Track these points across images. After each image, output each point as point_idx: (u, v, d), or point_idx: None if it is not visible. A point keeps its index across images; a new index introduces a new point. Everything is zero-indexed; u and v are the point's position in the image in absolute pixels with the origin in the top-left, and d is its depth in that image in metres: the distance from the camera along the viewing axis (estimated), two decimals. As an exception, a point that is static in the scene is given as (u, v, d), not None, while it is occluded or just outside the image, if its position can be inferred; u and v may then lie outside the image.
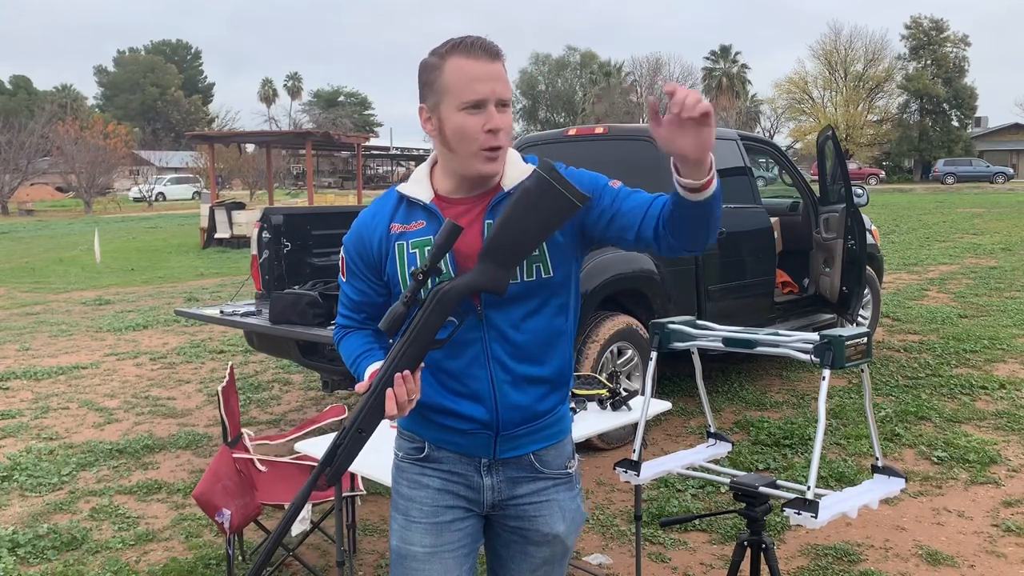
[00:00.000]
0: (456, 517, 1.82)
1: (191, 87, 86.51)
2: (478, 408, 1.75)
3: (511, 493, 1.83)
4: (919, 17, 57.36)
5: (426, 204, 1.75)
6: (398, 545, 1.83)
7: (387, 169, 61.97)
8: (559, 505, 1.85)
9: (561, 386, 1.84)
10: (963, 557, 3.56)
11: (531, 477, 1.83)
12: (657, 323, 2.40)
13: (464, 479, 1.81)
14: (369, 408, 1.64)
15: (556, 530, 1.85)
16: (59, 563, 3.67)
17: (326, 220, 6.02)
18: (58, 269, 15.88)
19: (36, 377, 7.13)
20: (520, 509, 1.84)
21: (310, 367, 5.29)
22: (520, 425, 1.78)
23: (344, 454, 1.64)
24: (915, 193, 37.36)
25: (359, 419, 1.64)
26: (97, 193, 39.73)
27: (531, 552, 1.87)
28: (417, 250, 1.74)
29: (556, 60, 76.72)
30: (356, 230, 1.83)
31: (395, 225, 1.77)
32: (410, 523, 1.81)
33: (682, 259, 5.43)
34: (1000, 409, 5.57)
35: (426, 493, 1.81)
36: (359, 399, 1.66)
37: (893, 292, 10.26)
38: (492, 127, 1.66)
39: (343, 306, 1.89)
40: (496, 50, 1.68)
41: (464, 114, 1.66)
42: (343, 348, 1.89)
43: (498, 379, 1.74)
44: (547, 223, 1.66)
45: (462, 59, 1.65)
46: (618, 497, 4.30)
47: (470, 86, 1.65)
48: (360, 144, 24.32)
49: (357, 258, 1.82)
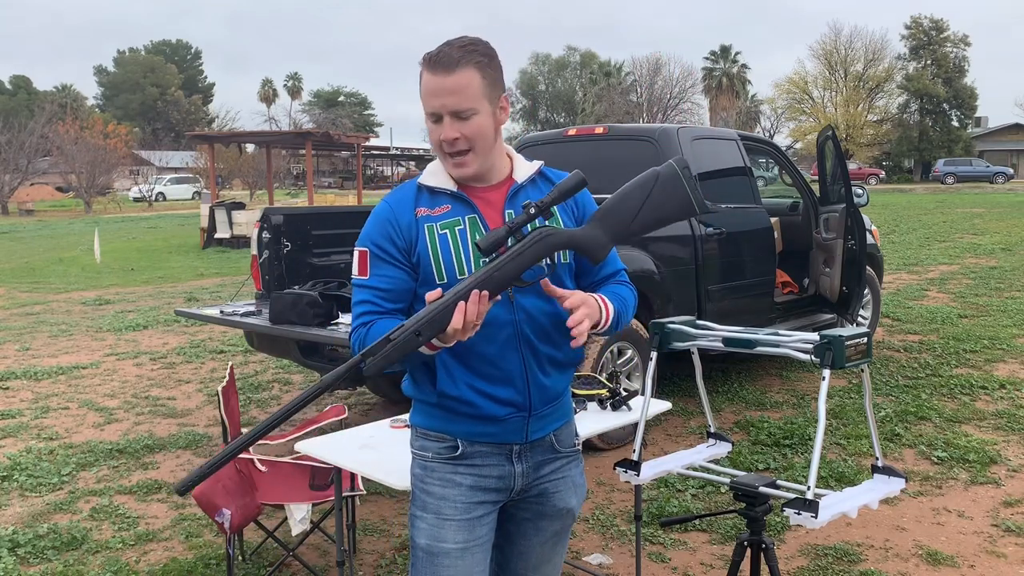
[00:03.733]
0: (486, 512, 1.89)
1: (191, 87, 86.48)
2: (511, 391, 1.82)
3: (537, 475, 1.92)
4: (919, 17, 57.41)
5: (453, 191, 1.84)
6: (428, 543, 1.85)
7: (387, 171, 61.94)
8: (572, 481, 1.98)
9: (571, 368, 1.95)
10: (963, 557, 3.56)
11: (551, 458, 1.94)
12: (657, 323, 2.40)
13: (496, 470, 1.88)
14: (434, 314, 1.60)
15: (570, 504, 1.97)
16: (59, 563, 3.67)
17: (326, 220, 6.02)
18: (58, 269, 15.88)
19: (36, 377, 7.13)
20: (541, 487, 1.93)
21: (310, 367, 5.30)
22: (547, 404, 1.88)
23: (393, 348, 1.60)
24: (915, 193, 37.36)
25: (421, 322, 1.61)
26: (97, 193, 39.74)
27: (543, 526, 1.97)
28: (447, 230, 1.81)
29: (556, 60, 76.71)
30: (379, 220, 1.85)
31: (421, 209, 1.83)
32: (443, 521, 1.85)
33: (682, 259, 5.44)
34: (1000, 409, 5.57)
35: (459, 491, 1.86)
36: (422, 308, 1.63)
37: (893, 292, 10.26)
38: (443, 138, 1.77)
39: (364, 305, 1.82)
40: (454, 60, 1.73)
41: (430, 123, 1.80)
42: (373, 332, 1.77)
43: (528, 361, 1.83)
44: (661, 213, 1.76)
45: (425, 72, 1.76)
46: (618, 497, 4.30)
47: (427, 100, 1.77)
48: (360, 144, 24.35)
49: (386, 243, 1.82)
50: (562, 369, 1.91)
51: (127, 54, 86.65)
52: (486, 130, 1.78)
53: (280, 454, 3.75)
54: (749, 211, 6.02)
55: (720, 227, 5.66)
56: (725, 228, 5.70)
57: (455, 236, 1.80)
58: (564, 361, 1.90)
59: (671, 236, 5.39)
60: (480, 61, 1.75)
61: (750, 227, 5.96)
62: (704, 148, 5.92)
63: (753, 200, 6.12)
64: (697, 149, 5.81)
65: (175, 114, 78.76)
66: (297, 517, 3.28)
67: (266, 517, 3.83)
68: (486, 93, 1.77)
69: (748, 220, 5.96)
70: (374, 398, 6.15)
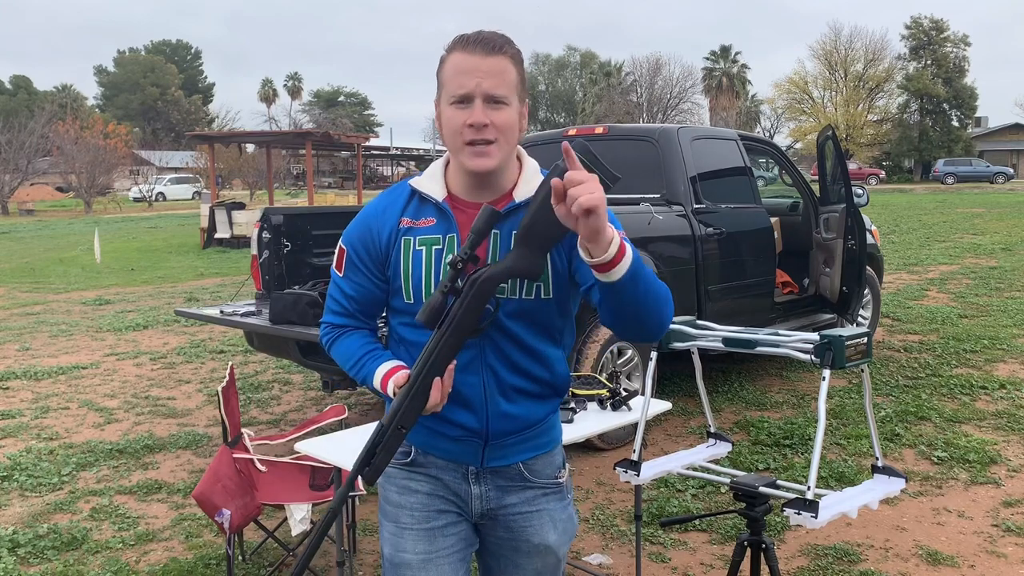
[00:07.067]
0: (449, 522, 1.78)
1: (191, 87, 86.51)
2: (468, 415, 1.72)
3: (500, 502, 1.79)
4: (919, 17, 57.37)
5: (438, 202, 1.72)
6: (391, 553, 1.78)
7: (387, 171, 61.95)
8: (550, 515, 1.82)
9: (553, 397, 1.81)
10: (963, 557, 3.56)
11: (520, 486, 1.80)
12: (657, 323, 2.39)
13: (452, 486, 1.78)
14: (410, 401, 1.58)
15: (547, 540, 1.81)
16: (59, 563, 3.67)
17: (326, 220, 6.02)
18: (58, 269, 15.88)
19: (36, 377, 7.13)
20: (510, 519, 1.80)
21: (310, 367, 5.29)
22: (510, 435, 1.75)
23: (384, 452, 1.59)
24: (915, 193, 37.36)
25: (399, 415, 1.58)
26: (97, 193, 39.74)
27: (522, 564, 1.83)
28: (424, 247, 1.70)
29: (556, 60, 76.81)
30: (363, 222, 1.77)
31: (405, 219, 1.73)
32: (402, 530, 1.77)
33: (682, 259, 5.43)
34: (1000, 409, 5.57)
35: (416, 499, 1.78)
36: (397, 394, 1.61)
37: (893, 292, 10.26)
38: (472, 121, 1.61)
39: (334, 303, 1.82)
40: (496, 44, 1.63)
41: (453, 108, 1.64)
42: (339, 349, 1.81)
43: (490, 387, 1.72)
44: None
45: (459, 53, 1.63)
46: (618, 497, 4.30)
47: (458, 79, 1.62)
48: (360, 144, 24.35)
49: (362, 250, 1.75)
50: (536, 399, 1.77)
51: (127, 54, 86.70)
52: (514, 126, 1.66)
53: (280, 454, 3.75)
54: (749, 211, 6.02)
55: (720, 227, 5.66)
56: (725, 228, 5.70)
57: (430, 255, 1.70)
58: (539, 391, 1.76)
59: (671, 236, 5.39)
60: (516, 54, 1.67)
61: (750, 227, 5.96)
62: (704, 148, 5.92)
63: (753, 200, 6.12)
64: (697, 149, 5.81)
65: (175, 114, 78.79)
66: (297, 517, 3.28)
67: (266, 517, 3.83)
68: (518, 90, 1.67)
69: (748, 220, 5.96)
70: (374, 398, 6.15)
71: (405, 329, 1.76)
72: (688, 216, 5.52)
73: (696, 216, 5.55)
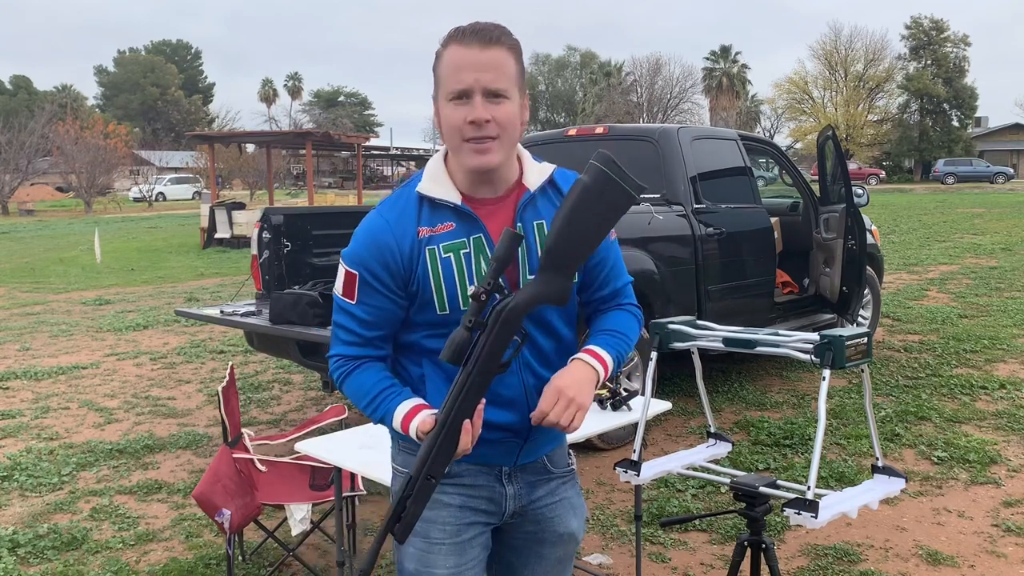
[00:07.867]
0: (477, 533, 1.76)
1: (191, 87, 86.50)
2: (510, 415, 1.70)
3: (530, 497, 1.80)
4: (919, 17, 57.39)
5: (457, 205, 1.64)
6: (416, 569, 1.72)
7: (387, 171, 61.95)
8: (570, 503, 1.85)
9: None
10: (963, 557, 3.56)
11: (545, 479, 1.82)
12: (657, 323, 2.40)
13: (486, 491, 1.76)
14: (439, 448, 1.49)
15: (571, 527, 1.84)
16: (59, 563, 3.67)
17: (326, 220, 6.02)
18: (58, 269, 15.88)
19: (36, 377, 7.13)
20: (537, 513, 1.81)
21: (310, 367, 5.29)
22: (544, 430, 1.74)
23: (414, 505, 1.51)
24: (915, 193, 37.35)
25: (428, 463, 1.49)
26: (97, 193, 39.73)
27: (546, 554, 1.84)
28: (451, 254, 1.63)
29: (556, 60, 76.79)
30: (372, 240, 1.65)
31: (423, 229, 1.64)
32: (432, 545, 1.72)
33: (682, 259, 5.43)
34: (1000, 409, 5.57)
35: (448, 512, 1.73)
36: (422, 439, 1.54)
37: (893, 292, 10.26)
38: (473, 118, 1.56)
39: (345, 332, 1.69)
40: (493, 35, 1.58)
41: (452, 105, 1.58)
42: (352, 385, 1.69)
43: (528, 385, 1.71)
44: (605, 220, 1.58)
45: (455, 47, 1.58)
46: (618, 497, 4.30)
47: (456, 75, 1.57)
48: (360, 144, 24.34)
49: (380, 270, 1.63)
50: None
51: (127, 54, 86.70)
52: (515, 121, 1.61)
53: (280, 454, 3.75)
54: (749, 211, 6.02)
55: (720, 227, 5.66)
56: (725, 228, 5.70)
57: (459, 260, 1.63)
58: None
59: (671, 236, 5.39)
60: (514, 45, 1.61)
61: (750, 227, 5.96)
62: (704, 148, 5.92)
63: (753, 200, 6.12)
64: (697, 149, 5.81)
65: (175, 114, 78.79)
66: (297, 517, 3.28)
67: (266, 517, 3.83)
68: (517, 82, 1.61)
69: (748, 220, 5.96)
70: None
71: (433, 341, 1.68)
72: (688, 216, 5.52)
73: (696, 216, 5.55)
